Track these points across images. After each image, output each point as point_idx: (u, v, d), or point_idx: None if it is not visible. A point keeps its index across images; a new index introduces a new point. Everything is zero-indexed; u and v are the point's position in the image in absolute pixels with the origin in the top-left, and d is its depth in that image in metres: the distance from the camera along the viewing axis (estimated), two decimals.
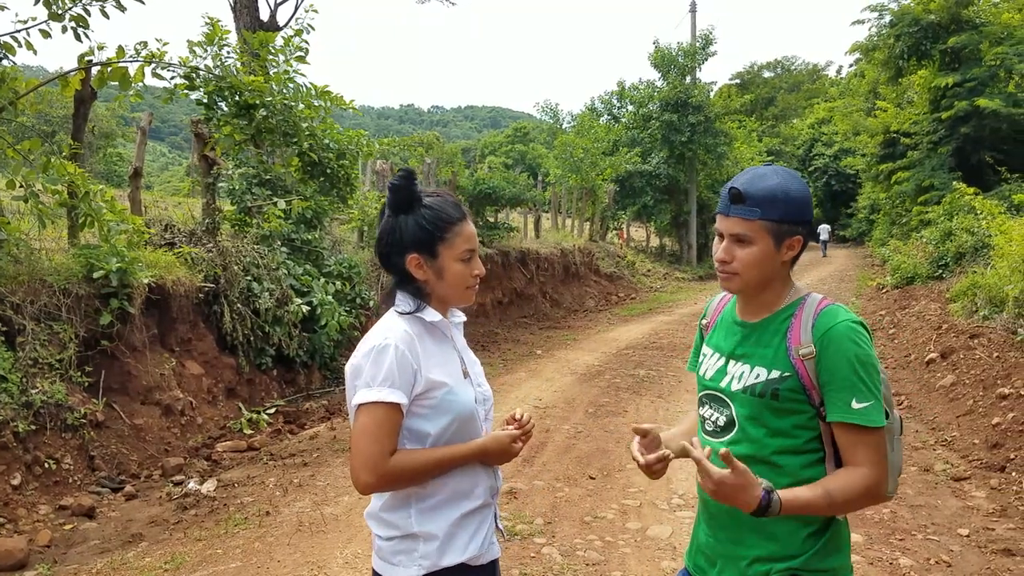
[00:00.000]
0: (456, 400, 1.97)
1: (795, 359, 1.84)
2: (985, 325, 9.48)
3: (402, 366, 1.87)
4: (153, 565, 4.39)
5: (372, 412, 1.85)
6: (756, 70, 68.23)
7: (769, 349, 1.89)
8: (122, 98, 6.87)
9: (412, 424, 1.92)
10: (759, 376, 1.88)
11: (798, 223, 1.86)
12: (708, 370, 2.04)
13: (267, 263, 8.21)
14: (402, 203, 1.97)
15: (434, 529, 1.94)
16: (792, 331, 1.87)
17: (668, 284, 23.75)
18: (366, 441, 1.84)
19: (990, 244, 11.94)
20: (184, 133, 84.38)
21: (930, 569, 4.31)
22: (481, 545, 2.01)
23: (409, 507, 1.95)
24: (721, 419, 1.97)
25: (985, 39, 18.16)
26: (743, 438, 1.91)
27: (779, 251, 1.86)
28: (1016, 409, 6.54)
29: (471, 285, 2.03)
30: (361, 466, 1.84)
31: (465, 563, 1.97)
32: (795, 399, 1.84)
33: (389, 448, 1.86)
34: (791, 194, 1.84)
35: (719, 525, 1.98)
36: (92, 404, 5.95)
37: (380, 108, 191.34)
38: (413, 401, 1.90)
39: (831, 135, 42.80)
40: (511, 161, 49.11)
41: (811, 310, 1.87)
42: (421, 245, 1.96)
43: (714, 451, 1.81)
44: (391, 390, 1.85)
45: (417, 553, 1.94)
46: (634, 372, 10.00)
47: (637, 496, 5.49)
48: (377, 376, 1.86)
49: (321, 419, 7.79)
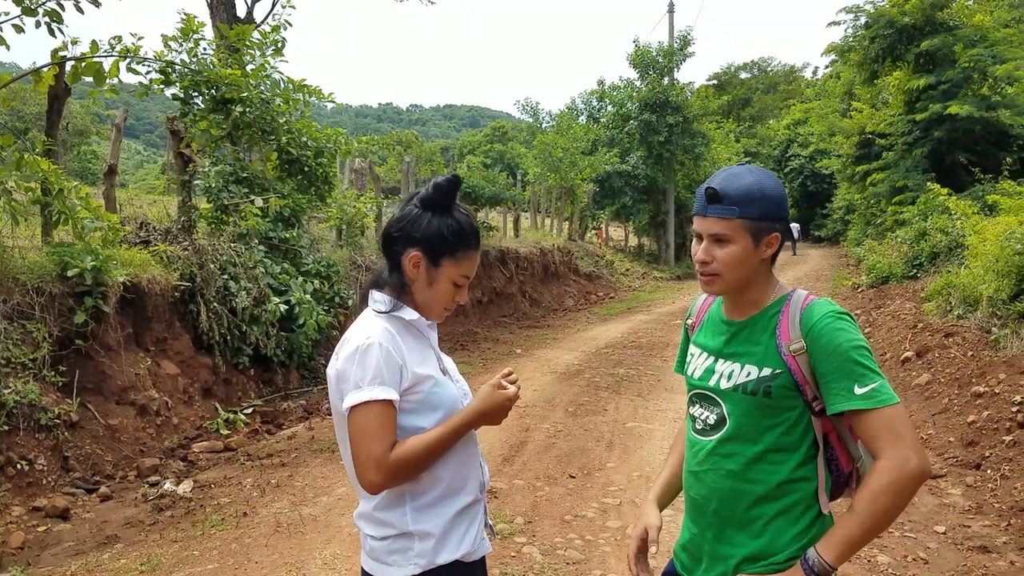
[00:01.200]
0: (443, 393, 1.96)
1: (786, 355, 1.83)
2: (960, 324, 9.59)
3: (388, 362, 1.86)
4: (129, 567, 4.33)
5: (367, 412, 1.83)
6: (733, 71, 68.72)
7: (759, 347, 1.89)
8: (96, 94, 6.77)
9: (403, 421, 1.90)
10: (750, 374, 1.88)
11: (775, 220, 1.86)
12: (696, 369, 2.03)
13: (244, 262, 8.13)
14: (438, 203, 1.96)
15: (430, 527, 1.93)
16: (781, 328, 1.87)
17: (646, 284, 23.84)
18: (366, 442, 1.82)
19: (964, 244, 12.08)
20: (159, 131, 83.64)
21: (907, 566, 4.34)
22: (474, 541, 2.01)
23: (404, 505, 1.93)
24: (711, 417, 1.97)
25: (959, 41, 18.37)
26: (734, 436, 1.91)
27: (758, 249, 1.86)
28: (991, 407, 6.61)
29: (449, 308, 2.03)
30: (366, 467, 1.82)
31: (459, 560, 1.96)
32: (787, 395, 1.84)
33: (390, 443, 1.84)
34: (767, 191, 1.84)
35: (706, 523, 1.98)
36: (66, 404, 5.86)
37: (358, 107, 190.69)
38: (401, 396, 1.89)
39: (807, 136, 43.15)
40: (490, 161, 49.08)
41: (797, 306, 1.87)
42: (430, 247, 1.94)
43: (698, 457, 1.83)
44: (382, 387, 1.83)
45: (413, 552, 1.92)
46: (613, 371, 10.01)
47: (617, 495, 5.49)
48: (365, 376, 1.84)
49: (299, 419, 7.73)
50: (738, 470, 1.89)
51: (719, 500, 1.93)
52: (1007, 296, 8.85)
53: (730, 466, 1.91)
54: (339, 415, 1.92)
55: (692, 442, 2.03)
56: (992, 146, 18.08)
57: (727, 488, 1.91)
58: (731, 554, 1.92)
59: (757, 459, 1.87)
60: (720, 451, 1.93)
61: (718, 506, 1.93)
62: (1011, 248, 8.87)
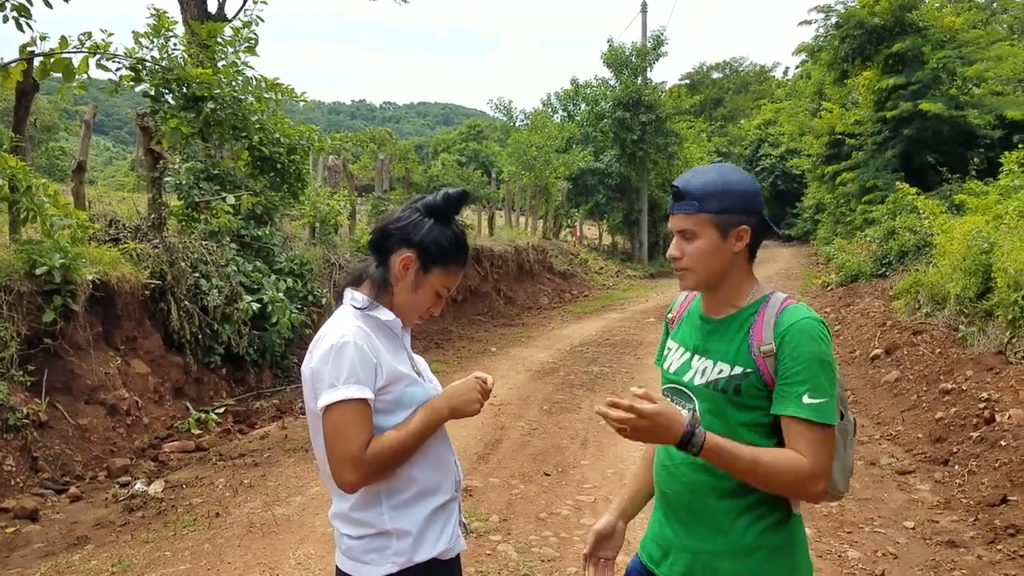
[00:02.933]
0: (417, 392, 1.97)
1: (756, 355, 1.85)
2: (928, 322, 9.75)
3: (363, 361, 1.86)
4: (99, 568, 4.28)
5: (342, 411, 1.83)
6: (705, 71, 69.16)
7: (732, 345, 1.91)
8: (65, 90, 6.67)
9: (376, 420, 1.90)
10: (722, 371, 1.90)
11: (742, 213, 1.88)
12: (673, 364, 2.05)
13: (216, 260, 8.05)
14: (443, 213, 2.00)
15: (407, 525, 1.93)
16: (755, 328, 1.88)
17: (620, 282, 23.95)
18: (342, 441, 1.83)
19: (932, 243, 12.27)
20: (129, 127, 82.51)
21: (877, 561, 4.41)
22: (450, 539, 2.02)
23: (380, 505, 1.93)
24: (684, 413, 1.98)
25: (928, 42, 18.63)
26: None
27: (726, 242, 1.88)
28: (958, 404, 6.72)
29: (423, 317, 2.06)
30: (342, 466, 1.83)
31: (436, 558, 1.98)
32: (756, 395, 1.86)
33: (365, 442, 1.84)
34: (730, 185, 1.87)
35: (676, 517, 2.00)
36: (35, 404, 5.77)
37: (331, 103, 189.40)
38: (375, 395, 1.89)
39: (778, 136, 43.54)
40: (464, 159, 48.98)
41: (774, 308, 1.89)
42: (425, 253, 1.97)
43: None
44: (357, 386, 1.84)
45: (390, 550, 1.93)
46: (588, 369, 10.05)
47: (592, 492, 5.51)
48: (340, 375, 1.84)
49: (272, 418, 7.67)
50: (707, 465, 1.90)
51: (690, 494, 1.95)
52: (974, 294, 9.01)
53: (701, 461, 1.92)
54: (313, 414, 1.92)
55: None
56: (960, 146, 18.34)
57: (698, 483, 1.93)
58: (699, 548, 1.94)
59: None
60: None
61: (688, 500, 1.96)
62: (978, 247, 9.03)
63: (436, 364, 9.31)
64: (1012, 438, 5.60)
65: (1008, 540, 4.51)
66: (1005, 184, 12.06)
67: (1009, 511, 4.82)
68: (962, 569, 4.27)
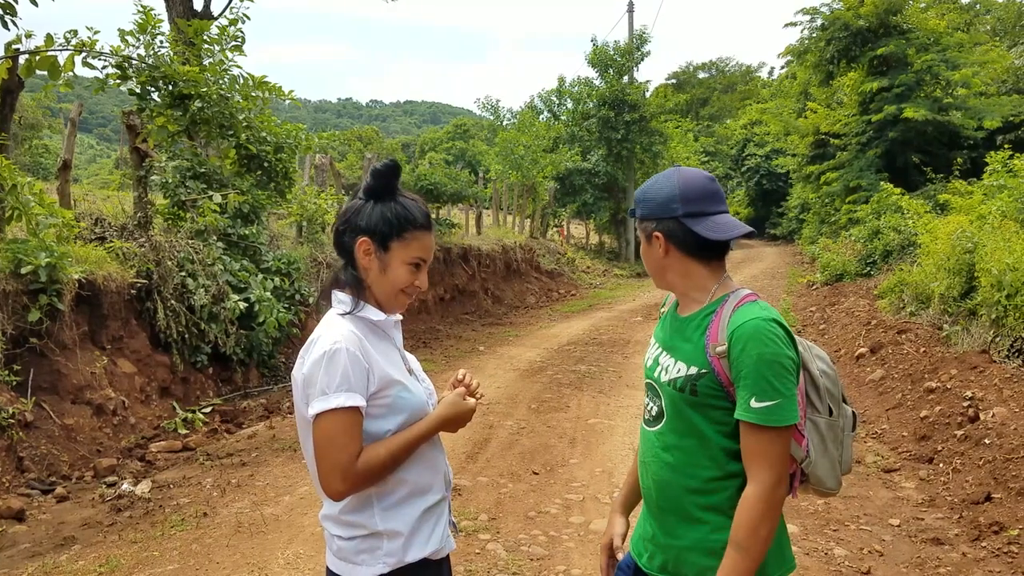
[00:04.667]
0: (410, 397, 1.96)
1: (711, 356, 1.86)
2: (912, 321, 9.82)
3: (355, 368, 1.85)
4: (87, 568, 4.26)
5: (333, 420, 1.82)
6: (691, 70, 69.46)
7: (690, 344, 1.93)
8: (50, 88, 6.63)
9: (368, 426, 1.89)
10: (680, 371, 1.92)
11: (653, 219, 1.97)
12: (649, 359, 2.09)
13: (202, 258, 8.01)
14: (379, 191, 1.97)
15: (398, 526, 1.93)
16: (711, 328, 1.89)
17: (607, 281, 24.00)
18: (333, 450, 1.81)
19: (916, 243, 12.37)
20: (113, 124, 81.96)
21: (863, 558, 4.45)
22: (441, 539, 2.02)
23: (372, 506, 1.93)
24: (654, 408, 2.02)
25: (912, 45, 18.77)
26: (669, 429, 1.96)
27: (651, 247, 1.99)
28: (943, 402, 6.78)
29: (409, 293, 2.00)
30: (331, 475, 1.82)
31: (427, 558, 1.98)
32: (713, 395, 1.87)
33: (356, 452, 1.84)
34: (647, 193, 1.99)
35: (652, 512, 2.03)
36: (20, 404, 5.74)
37: (317, 102, 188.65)
38: (368, 401, 1.88)
39: (763, 136, 43.72)
40: (452, 158, 48.95)
41: (730, 307, 1.89)
42: (376, 233, 1.94)
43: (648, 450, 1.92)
44: (348, 394, 1.82)
45: (381, 551, 1.92)
46: (575, 368, 10.07)
47: (580, 491, 5.53)
48: (331, 383, 1.82)
49: (259, 418, 7.65)
50: (673, 462, 1.93)
51: (659, 490, 1.98)
52: (958, 294, 9.08)
53: (667, 458, 1.96)
54: (304, 420, 1.91)
55: (642, 432, 2.10)
56: (944, 147, 18.52)
57: (665, 479, 1.96)
58: (670, 543, 1.96)
59: (690, 452, 1.91)
60: (658, 443, 1.99)
61: (658, 496, 1.99)
62: (961, 247, 9.11)
63: (424, 363, 9.29)
64: (996, 436, 5.65)
65: (992, 537, 4.56)
66: (989, 184, 12.18)
67: (993, 509, 4.87)
68: (947, 566, 4.31)
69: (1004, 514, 4.74)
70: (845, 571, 4.29)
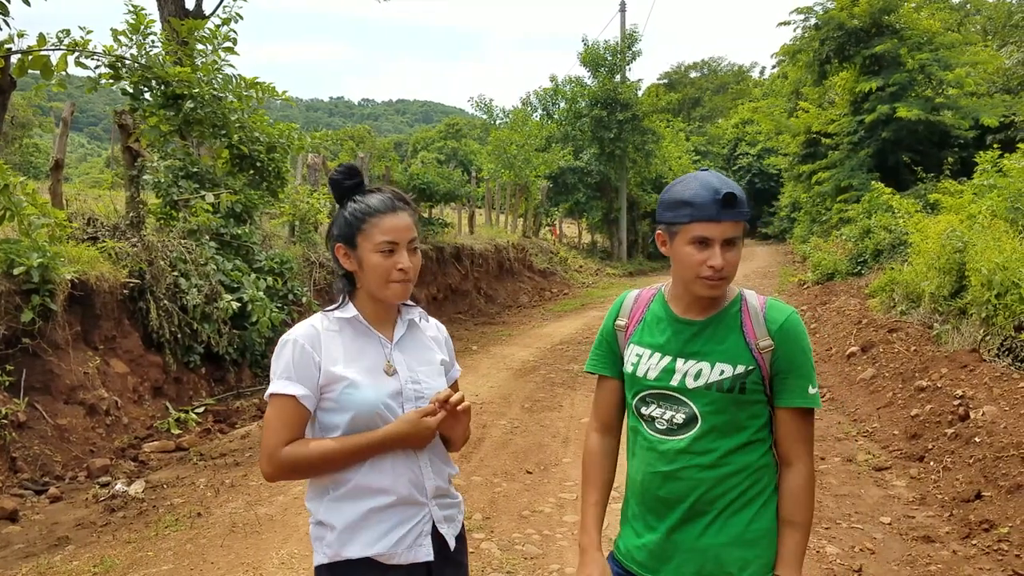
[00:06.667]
0: (355, 395, 1.96)
1: (756, 353, 1.92)
2: (903, 320, 9.87)
3: (301, 360, 1.95)
4: (81, 569, 4.26)
5: (273, 404, 1.95)
6: (683, 70, 69.55)
7: (724, 344, 1.94)
8: (42, 87, 6.62)
9: (321, 417, 2.00)
10: (724, 372, 1.92)
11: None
12: (650, 370, 2.01)
13: (195, 258, 8.00)
14: (340, 196, 2.07)
15: (334, 520, 1.99)
16: (746, 326, 1.95)
17: (600, 280, 24.03)
18: (267, 432, 1.94)
19: (907, 242, 12.42)
20: (104, 123, 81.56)
21: (855, 556, 4.48)
22: (396, 544, 1.98)
23: (323, 496, 2.01)
24: (678, 417, 1.96)
25: (904, 45, 18.84)
26: (710, 431, 1.93)
27: (737, 247, 1.93)
28: (933, 401, 6.82)
29: (394, 279, 1.98)
30: (262, 456, 1.95)
31: (372, 558, 1.96)
32: (757, 390, 1.93)
33: (285, 438, 1.93)
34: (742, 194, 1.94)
35: (679, 519, 2.02)
36: (13, 404, 5.72)
37: (309, 100, 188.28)
38: (321, 394, 1.97)
39: (755, 135, 43.86)
40: (444, 157, 48.90)
41: (756, 304, 1.97)
42: (342, 236, 2.03)
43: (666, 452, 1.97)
44: (287, 382, 1.93)
45: (323, 541, 2.01)
46: (568, 367, 10.09)
47: (574, 489, 5.55)
48: (276, 370, 1.96)
49: (252, 418, 7.65)
50: (715, 462, 1.94)
51: (693, 496, 1.95)
52: (948, 293, 9.13)
53: (706, 460, 1.94)
54: None
55: (654, 443, 2.01)
56: (934, 146, 18.59)
57: (706, 481, 1.94)
58: (710, 544, 1.95)
59: (733, 451, 1.94)
60: (695, 448, 1.95)
61: (695, 500, 1.95)
62: (952, 246, 9.15)
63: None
64: (986, 434, 5.69)
65: (982, 535, 4.59)
66: (979, 184, 12.24)
67: (983, 506, 4.90)
68: (938, 564, 4.34)
69: (994, 512, 4.78)
70: (837, 569, 4.32)
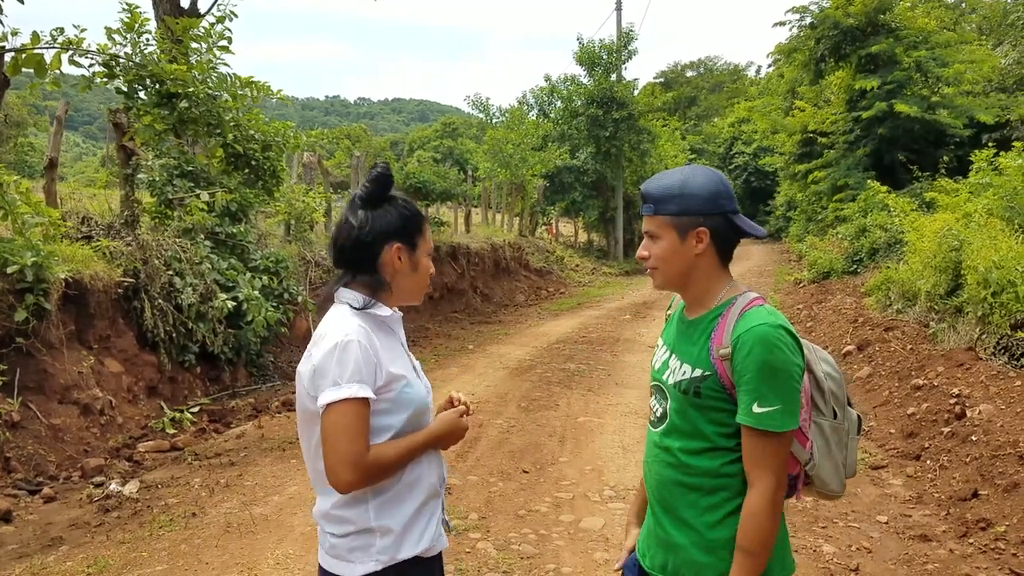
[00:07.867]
0: (413, 393, 1.98)
1: (715, 359, 1.87)
2: (899, 318, 9.88)
3: (367, 361, 1.87)
4: (75, 569, 4.23)
5: (345, 410, 1.82)
6: (680, 69, 69.56)
7: (695, 347, 1.93)
8: (36, 86, 6.59)
9: (374, 421, 1.90)
10: (685, 373, 1.93)
11: (700, 214, 1.90)
12: (657, 361, 2.09)
13: (190, 257, 7.97)
14: (382, 196, 2.02)
15: (391, 523, 1.94)
16: (717, 331, 1.89)
17: (596, 279, 24.03)
18: (345, 440, 1.81)
19: (903, 240, 12.43)
20: (99, 122, 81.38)
21: (852, 555, 4.47)
22: (433, 536, 2.03)
23: (366, 502, 1.93)
24: (659, 410, 2.03)
25: (900, 44, 18.84)
26: (672, 430, 1.97)
27: (685, 243, 1.91)
28: (930, 399, 6.82)
29: (427, 283, 2.13)
30: (342, 465, 1.81)
31: (419, 556, 1.98)
32: (716, 397, 1.87)
33: (367, 443, 1.85)
34: (688, 188, 1.90)
35: (655, 511, 2.05)
36: (7, 404, 5.70)
37: (305, 99, 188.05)
38: (376, 395, 1.89)
39: (751, 134, 43.91)
40: (440, 156, 48.88)
41: (737, 310, 1.89)
42: (404, 235, 2.01)
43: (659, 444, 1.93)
44: (360, 386, 1.83)
45: (374, 548, 1.93)
46: (565, 366, 10.08)
47: (570, 489, 5.54)
48: (344, 374, 1.83)
49: (248, 417, 7.62)
50: (673, 462, 1.95)
51: (660, 489, 2.00)
52: (944, 291, 9.13)
53: (668, 458, 1.97)
54: (308, 412, 1.92)
55: (647, 432, 2.11)
56: (930, 145, 18.59)
57: (666, 478, 1.97)
58: (671, 543, 1.97)
59: (691, 454, 1.92)
60: (662, 443, 2.00)
61: (659, 495, 2.00)
62: (947, 244, 9.16)
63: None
64: (982, 433, 5.69)
65: (979, 534, 4.59)
66: (975, 182, 12.23)
67: (980, 505, 4.90)
68: (934, 563, 4.34)
69: (991, 510, 4.77)
70: (834, 568, 4.31)
